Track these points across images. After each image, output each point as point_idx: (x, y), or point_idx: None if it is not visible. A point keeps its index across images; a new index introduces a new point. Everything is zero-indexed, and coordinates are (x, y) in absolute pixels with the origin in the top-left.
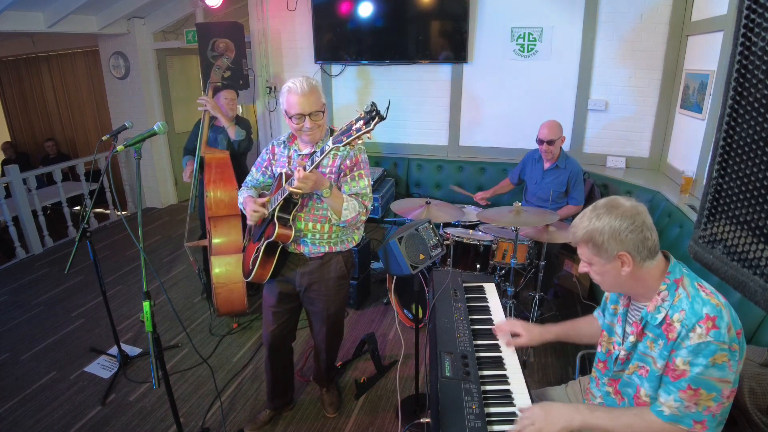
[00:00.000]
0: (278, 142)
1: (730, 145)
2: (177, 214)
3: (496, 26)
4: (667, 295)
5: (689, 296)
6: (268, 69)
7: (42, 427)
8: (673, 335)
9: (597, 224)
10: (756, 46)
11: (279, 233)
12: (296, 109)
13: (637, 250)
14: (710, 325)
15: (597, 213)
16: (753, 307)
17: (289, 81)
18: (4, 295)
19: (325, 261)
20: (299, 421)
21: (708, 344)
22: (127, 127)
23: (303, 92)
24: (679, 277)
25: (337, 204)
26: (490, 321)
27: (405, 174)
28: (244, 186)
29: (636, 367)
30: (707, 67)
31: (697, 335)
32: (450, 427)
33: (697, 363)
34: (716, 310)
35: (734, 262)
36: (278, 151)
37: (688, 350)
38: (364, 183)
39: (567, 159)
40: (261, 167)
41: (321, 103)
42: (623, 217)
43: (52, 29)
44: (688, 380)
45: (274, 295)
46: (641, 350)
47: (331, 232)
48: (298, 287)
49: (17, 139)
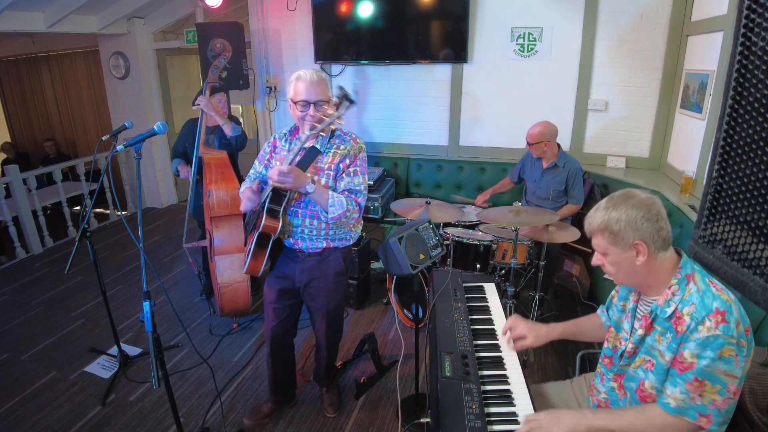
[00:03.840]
0: (280, 135)
1: (730, 145)
2: (177, 214)
3: (496, 26)
4: (677, 290)
5: (699, 291)
6: (268, 69)
7: (42, 427)
8: (682, 328)
9: (613, 213)
10: (756, 46)
11: (266, 224)
12: (302, 96)
13: (653, 240)
14: (719, 319)
15: (613, 203)
16: (753, 307)
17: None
18: (4, 295)
19: (324, 257)
20: (299, 420)
21: (716, 337)
22: (127, 127)
23: (311, 81)
24: (690, 272)
25: (322, 200)
26: (490, 321)
27: (405, 174)
28: (248, 178)
29: (642, 360)
30: (707, 67)
31: (706, 328)
32: (450, 427)
33: (704, 356)
34: (726, 305)
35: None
36: (280, 145)
37: (696, 343)
38: (358, 180)
39: (566, 158)
40: (263, 160)
41: (327, 94)
42: (639, 207)
43: (52, 29)
44: (695, 372)
45: (275, 291)
46: (649, 344)
47: (328, 228)
48: (298, 284)
49: (17, 139)
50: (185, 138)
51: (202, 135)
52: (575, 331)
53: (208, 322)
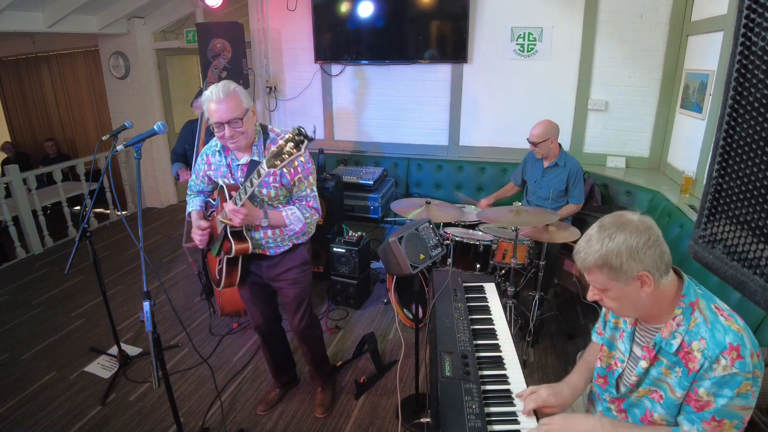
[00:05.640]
0: (211, 152)
1: (730, 144)
2: (177, 214)
3: (496, 26)
4: (682, 320)
5: (707, 322)
6: (268, 69)
7: (42, 427)
8: (694, 365)
9: (611, 245)
10: (756, 46)
11: (237, 249)
12: (214, 117)
13: (656, 267)
14: (735, 356)
15: (608, 233)
16: (753, 307)
17: (211, 87)
18: (4, 295)
19: (288, 253)
20: (300, 420)
21: (734, 376)
22: (127, 127)
23: (218, 99)
24: (694, 299)
25: (279, 223)
26: (490, 321)
27: (405, 174)
28: (190, 190)
29: (647, 391)
30: (707, 67)
31: (721, 367)
32: (450, 427)
33: (722, 395)
34: (738, 337)
35: (734, 262)
36: (215, 161)
37: (712, 382)
38: (304, 185)
39: (566, 157)
40: (199, 175)
41: (241, 108)
42: (638, 233)
43: (52, 29)
44: (712, 412)
45: (247, 288)
46: (654, 375)
47: (290, 233)
48: (266, 279)
49: (17, 139)
50: (184, 140)
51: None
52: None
53: (208, 322)
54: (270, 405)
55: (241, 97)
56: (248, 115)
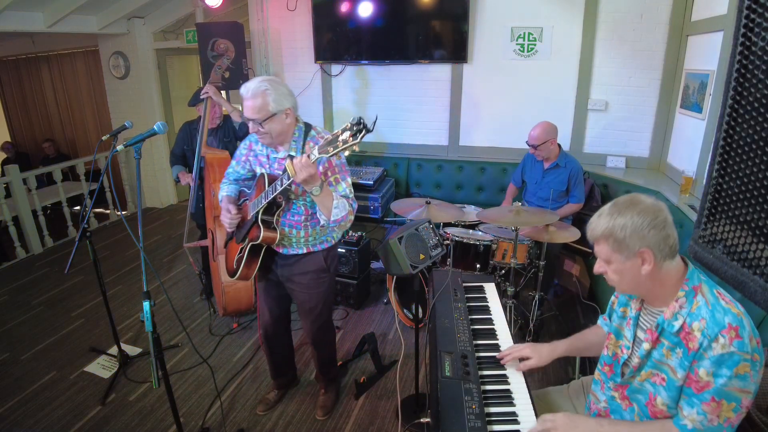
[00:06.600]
0: (255, 139)
1: (730, 145)
2: (177, 214)
3: (496, 26)
4: (684, 302)
5: (708, 304)
6: (268, 69)
7: (42, 427)
8: (694, 345)
9: (619, 220)
10: (756, 46)
11: (265, 236)
12: (246, 113)
13: (659, 248)
14: (733, 335)
15: (618, 209)
16: (753, 307)
17: None
18: (4, 295)
19: (302, 258)
20: (300, 420)
21: (732, 354)
22: (127, 127)
23: (245, 96)
24: (697, 284)
25: (327, 202)
26: (490, 321)
27: (405, 174)
28: (226, 178)
29: (649, 374)
30: (707, 67)
31: (720, 345)
32: (450, 427)
33: (720, 374)
34: (738, 319)
35: (734, 262)
36: (257, 148)
37: (711, 361)
38: (342, 186)
39: (566, 157)
40: (240, 161)
41: (266, 111)
42: (645, 213)
43: (52, 29)
44: (711, 392)
45: (263, 283)
46: (656, 358)
47: (307, 236)
48: (280, 277)
49: (17, 139)
50: (183, 141)
51: (204, 134)
52: (579, 345)
53: (208, 322)
54: (270, 405)
55: (268, 100)
56: (277, 117)
